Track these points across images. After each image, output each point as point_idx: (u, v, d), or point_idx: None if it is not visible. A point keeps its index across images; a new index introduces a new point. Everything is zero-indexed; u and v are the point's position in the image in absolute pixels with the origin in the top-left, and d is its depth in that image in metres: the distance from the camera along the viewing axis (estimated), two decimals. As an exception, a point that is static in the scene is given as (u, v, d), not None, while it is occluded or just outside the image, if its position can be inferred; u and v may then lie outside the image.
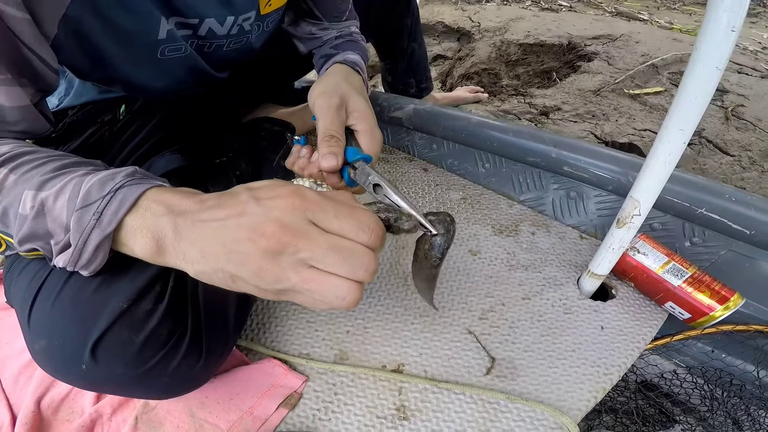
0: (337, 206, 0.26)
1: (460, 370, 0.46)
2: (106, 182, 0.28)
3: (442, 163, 0.70)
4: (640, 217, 0.42)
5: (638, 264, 0.49)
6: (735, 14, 0.30)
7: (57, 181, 0.28)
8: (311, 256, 0.24)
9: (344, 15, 0.59)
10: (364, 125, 0.41)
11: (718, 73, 0.32)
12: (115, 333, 0.31)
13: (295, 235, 0.24)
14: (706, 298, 0.47)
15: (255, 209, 0.25)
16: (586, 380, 0.45)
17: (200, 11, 0.42)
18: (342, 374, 0.46)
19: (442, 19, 1.54)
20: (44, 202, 0.28)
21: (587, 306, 0.51)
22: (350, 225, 0.25)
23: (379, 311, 0.51)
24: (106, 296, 0.32)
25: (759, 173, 0.97)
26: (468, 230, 0.60)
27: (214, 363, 0.38)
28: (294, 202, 0.25)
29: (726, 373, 0.54)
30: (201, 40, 0.46)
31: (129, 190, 0.28)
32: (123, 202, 0.27)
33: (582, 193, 0.60)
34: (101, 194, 0.27)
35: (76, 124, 0.52)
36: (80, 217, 0.27)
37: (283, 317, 0.51)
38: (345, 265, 0.25)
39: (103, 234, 0.27)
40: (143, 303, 0.33)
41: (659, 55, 1.24)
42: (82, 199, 0.27)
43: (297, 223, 0.25)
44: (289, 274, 0.24)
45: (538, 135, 0.62)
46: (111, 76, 0.45)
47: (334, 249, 0.25)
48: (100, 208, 0.27)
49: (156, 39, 0.41)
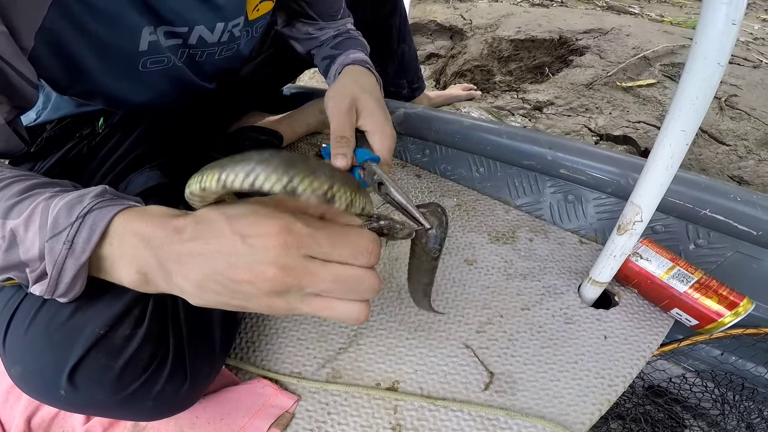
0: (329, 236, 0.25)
1: (457, 386, 0.44)
2: (74, 206, 0.27)
3: (436, 169, 0.68)
4: (642, 224, 0.40)
5: (641, 270, 0.47)
6: (735, 6, 0.28)
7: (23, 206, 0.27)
8: (318, 290, 0.25)
9: (339, 14, 0.58)
10: (373, 125, 0.41)
11: (720, 70, 0.30)
12: (92, 359, 0.31)
13: (296, 275, 0.24)
14: (714, 304, 0.45)
15: (245, 251, 0.24)
16: (590, 392, 0.43)
17: (189, 18, 0.41)
18: (335, 393, 0.44)
19: (435, 18, 1.52)
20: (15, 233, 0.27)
21: (589, 315, 0.49)
22: (348, 251, 0.25)
23: (372, 327, 0.49)
24: (81, 323, 0.31)
25: (756, 162, 0.96)
26: (463, 239, 0.58)
27: (200, 385, 0.37)
28: (286, 240, 0.23)
29: (737, 377, 0.52)
30: (192, 49, 0.45)
31: (99, 214, 0.27)
32: (93, 229, 0.26)
33: (580, 196, 0.58)
34: (69, 221, 0.26)
35: (54, 139, 0.50)
36: (51, 248, 0.26)
37: (273, 335, 0.49)
38: (351, 292, 0.25)
39: (78, 263, 0.26)
40: (121, 328, 0.32)
41: (650, 47, 1.22)
42: (51, 227, 0.26)
43: (295, 262, 0.24)
44: (299, 306, 0.25)
45: (532, 137, 0.59)
46: (90, 89, 0.44)
47: (338, 280, 0.24)
48: (70, 236, 0.26)
49: (136, 51, 0.40)
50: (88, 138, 0.50)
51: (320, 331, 0.49)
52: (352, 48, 0.56)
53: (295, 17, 0.59)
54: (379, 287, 0.26)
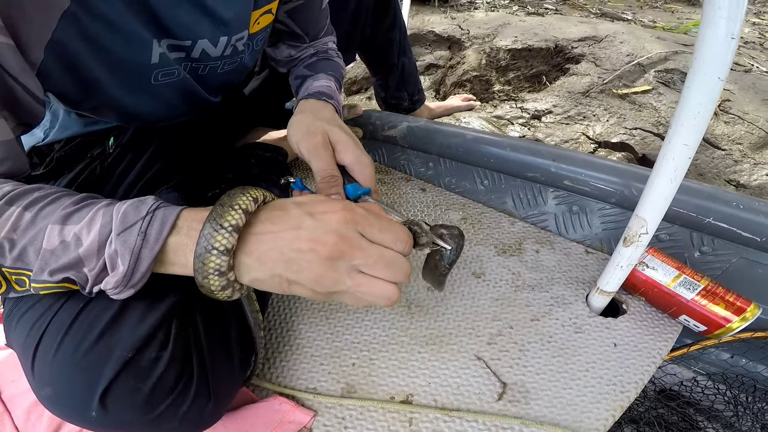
0: (379, 221, 0.30)
1: (471, 397, 0.44)
2: (139, 206, 0.29)
3: (440, 182, 0.69)
4: (647, 236, 0.41)
5: (648, 279, 0.48)
6: (733, 21, 0.28)
7: (83, 213, 0.29)
8: (363, 263, 0.29)
9: (322, 32, 0.59)
10: (351, 158, 0.42)
11: (720, 84, 0.31)
12: (121, 382, 0.31)
13: (350, 245, 0.28)
14: (722, 310, 0.46)
15: (312, 223, 0.29)
16: (603, 399, 0.44)
17: (193, 32, 0.41)
18: (351, 408, 0.44)
19: (433, 29, 1.54)
20: (78, 236, 0.29)
21: (598, 323, 0.50)
22: (391, 237, 0.30)
23: (384, 342, 0.50)
24: (109, 346, 0.32)
25: (751, 166, 0.97)
26: (471, 252, 0.58)
27: (223, 403, 0.38)
28: (346, 216, 0.29)
29: (748, 379, 0.52)
30: (195, 62, 0.45)
31: (166, 211, 0.30)
32: (164, 221, 0.29)
33: (585, 206, 0.59)
34: (140, 215, 0.29)
35: (65, 159, 0.50)
36: (125, 240, 0.28)
37: (287, 352, 0.50)
38: (389, 271, 0.29)
39: (153, 252, 0.28)
40: (147, 351, 0.33)
41: (644, 54, 1.25)
42: (120, 223, 0.28)
43: (351, 234, 0.29)
44: (345, 278, 0.29)
45: (536, 149, 0.60)
46: (102, 104, 0.44)
47: (381, 258, 0.29)
48: (143, 228, 0.28)
49: (149, 63, 0.40)
50: (100, 158, 0.50)
51: (333, 347, 0.50)
52: (322, 71, 0.55)
53: (279, 38, 0.58)
54: (409, 271, 0.31)
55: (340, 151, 0.42)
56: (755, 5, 1.97)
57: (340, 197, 0.39)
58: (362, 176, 0.42)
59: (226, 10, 0.42)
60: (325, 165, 0.41)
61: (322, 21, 0.59)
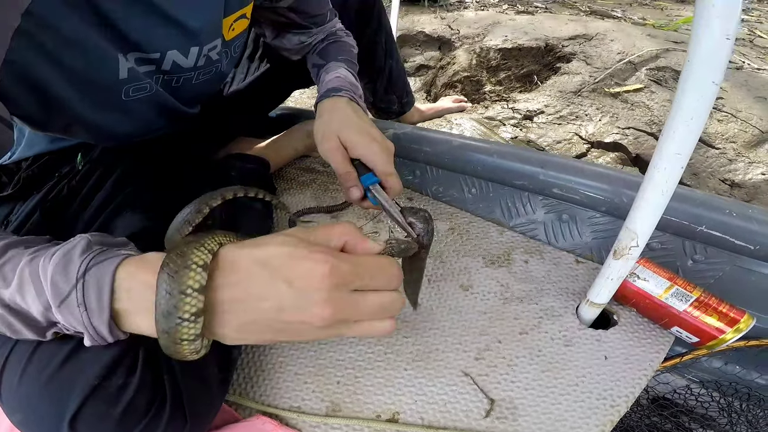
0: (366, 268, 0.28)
1: (458, 414, 0.43)
2: (66, 266, 0.27)
3: (428, 191, 0.67)
4: (638, 248, 0.40)
5: (639, 290, 0.47)
6: (728, 20, 0.26)
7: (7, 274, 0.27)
8: (357, 319, 0.28)
9: (327, 16, 0.59)
10: (362, 151, 0.45)
11: (715, 89, 0.28)
12: (90, 408, 0.31)
13: (346, 311, 0.26)
14: (715, 321, 0.44)
15: (293, 294, 0.25)
16: (593, 414, 0.43)
17: (160, 44, 0.40)
18: (336, 427, 0.43)
19: (423, 29, 1.53)
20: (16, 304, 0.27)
21: (588, 336, 0.49)
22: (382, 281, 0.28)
23: (369, 359, 0.48)
24: (73, 373, 0.31)
25: (746, 164, 0.96)
26: (458, 264, 0.57)
27: (202, 425, 0.37)
28: (332, 280, 0.25)
29: (742, 386, 0.51)
30: (167, 75, 0.44)
31: (98, 271, 0.26)
32: (101, 287, 0.26)
33: (574, 215, 0.57)
34: (71, 283, 0.26)
35: (33, 179, 0.48)
36: (70, 312, 0.26)
37: (270, 370, 0.48)
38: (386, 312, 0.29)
39: (104, 319, 0.27)
40: (114, 378, 0.32)
41: (635, 52, 1.24)
42: (53, 296, 0.26)
43: (344, 298, 0.26)
44: (344, 332, 0.28)
45: (524, 156, 0.59)
46: (71, 124, 0.42)
47: (378, 307, 0.28)
48: (79, 299, 0.26)
49: (117, 79, 0.39)
50: (68, 177, 0.49)
51: (317, 365, 0.48)
52: (333, 59, 0.57)
53: (284, 29, 0.58)
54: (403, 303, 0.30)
55: (351, 149, 0.45)
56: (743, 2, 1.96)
57: (359, 190, 0.44)
58: (374, 165, 0.44)
59: (194, 20, 0.41)
60: (339, 165, 0.45)
61: (325, 6, 0.59)
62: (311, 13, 0.57)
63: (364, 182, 0.44)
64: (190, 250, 0.25)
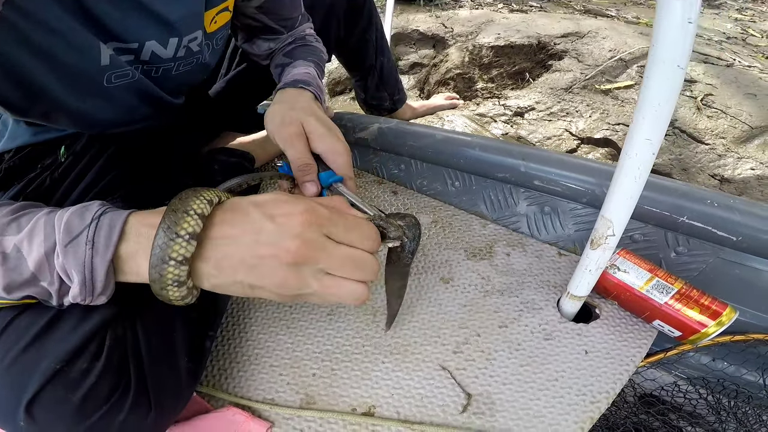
0: (344, 219, 0.30)
1: (434, 409, 0.42)
2: (84, 213, 0.28)
3: (412, 184, 0.67)
4: (614, 237, 0.39)
5: (620, 282, 0.46)
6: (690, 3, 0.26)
7: (22, 223, 0.28)
8: (329, 266, 0.28)
9: (298, 21, 0.58)
10: (325, 147, 0.42)
11: (681, 72, 0.28)
12: (49, 392, 0.31)
13: (314, 249, 0.27)
14: (697, 314, 0.44)
15: (272, 228, 0.28)
16: (572, 411, 0.42)
17: (138, 34, 0.40)
18: (309, 419, 0.42)
19: (417, 27, 1.53)
20: (19, 247, 0.28)
21: (569, 330, 0.48)
22: (357, 236, 0.29)
23: (347, 351, 0.48)
24: (36, 357, 0.31)
25: (735, 160, 0.96)
26: (440, 256, 0.56)
27: (167, 414, 0.37)
28: (309, 218, 0.28)
29: (729, 383, 0.51)
30: (146, 65, 0.44)
31: (113, 216, 0.29)
32: (112, 226, 0.28)
33: (556, 207, 0.57)
34: (85, 224, 0.28)
35: (14, 170, 0.48)
36: (75, 252, 0.27)
37: (245, 362, 0.48)
38: (357, 272, 0.29)
39: (106, 260, 0.28)
40: (78, 363, 0.32)
41: (626, 49, 1.23)
42: (64, 234, 0.27)
43: (315, 237, 0.28)
44: (311, 282, 0.28)
45: (505, 148, 0.58)
46: (52, 110, 0.42)
47: (348, 259, 0.28)
48: (89, 236, 0.27)
49: (99, 66, 0.39)
50: (50, 168, 0.49)
51: (293, 356, 0.47)
52: (301, 58, 0.55)
53: (255, 34, 0.58)
54: (378, 269, 0.30)
55: (314, 140, 0.42)
56: (737, 1, 1.96)
57: (316, 185, 0.40)
58: (335, 164, 0.42)
59: (171, 11, 0.40)
60: (300, 154, 0.41)
61: (297, 10, 0.58)
62: (282, 16, 0.56)
63: (324, 179, 0.41)
64: (191, 199, 0.28)
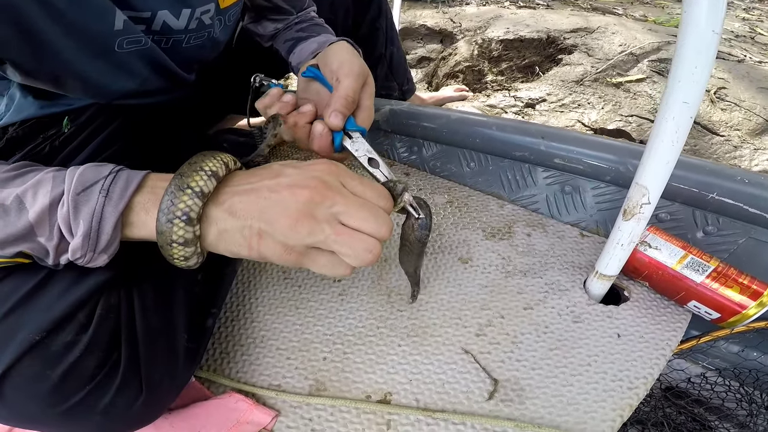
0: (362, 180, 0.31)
1: (457, 396, 0.39)
2: (100, 167, 0.28)
3: (425, 166, 0.65)
4: (650, 206, 0.36)
5: (651, 260, 0.44)
6: None
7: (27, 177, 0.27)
8: (344, 211, 0.28)
9: (306, 2, 0.59)
10: (368, 102, 0.44)
11: (716, 38, 0.28)
12: (23, 367, 0.28)
13: (332, 190, 0.28)
14: (736, 294, 0.41)
15: (293, 171, 0.29)
16: (608, 397, 0.39)
17: (152, 3, 0.39)
18: (319, 407, 0.40)
19: (425, 22, 1.54)
20: (21, 198, 0.26)
21: (599, 312, 0.45)
22: (372, 192, 0.30)
23: (360, 333, 0.45)
24: (13, 326, 0.28)
25: (751, 151, 0.94)
26: (456, 236, 0.54)
27: (160, 399, 0.33)
28: (329, 168, 0.30)
29: (763, 374, 0.47)
30: (156, 35, 0.43)
31: (131, 172, 0.28)
32: (129, 180, 0.28)
33: (578, 186, 0.54)
34: (101, 175, 0.27)
35: (17, 140, 0.47)
36: (86, 199, 0.26)
37: (250, 345, 0.45)
38: (372, 221, 0.28)
39: (117, 210, 0.27)
40: (61, 335, 0.29)
41: (636, 44, 1.23)
42: (78, 183, 0.27)
43: (333, 182, 0.29)
44: (324, 226, 0.27)
45: (523, 127, 0.56)
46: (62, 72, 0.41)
47: (364, 206, 0.29)
48: (105, 185, 0.27)
49: (112, 30, 0.38)
50: (51, 138, 0.47)
51: (303, 339, 0.45)
52: (324, 33, 0.55)
53: (263, 14, 0.58)
54: (392, 227, 0.30)
55: (364, 93, 0.43)
56: (744, 1, 1.97)
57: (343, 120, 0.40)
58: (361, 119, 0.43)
59: None
60: (353, 92, 0.41)
61: None
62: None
63: (348, 124, 0.42)
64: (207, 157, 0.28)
